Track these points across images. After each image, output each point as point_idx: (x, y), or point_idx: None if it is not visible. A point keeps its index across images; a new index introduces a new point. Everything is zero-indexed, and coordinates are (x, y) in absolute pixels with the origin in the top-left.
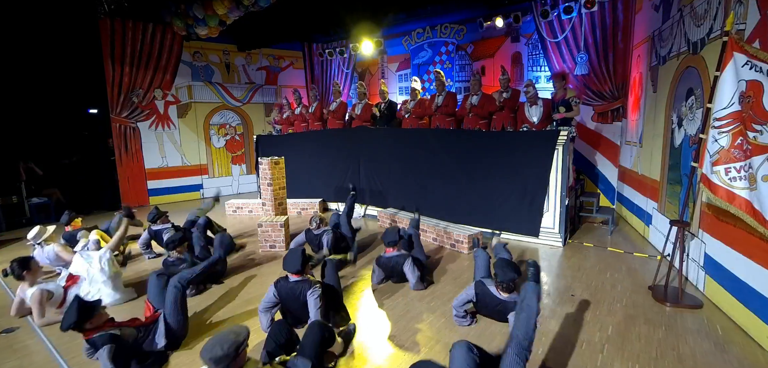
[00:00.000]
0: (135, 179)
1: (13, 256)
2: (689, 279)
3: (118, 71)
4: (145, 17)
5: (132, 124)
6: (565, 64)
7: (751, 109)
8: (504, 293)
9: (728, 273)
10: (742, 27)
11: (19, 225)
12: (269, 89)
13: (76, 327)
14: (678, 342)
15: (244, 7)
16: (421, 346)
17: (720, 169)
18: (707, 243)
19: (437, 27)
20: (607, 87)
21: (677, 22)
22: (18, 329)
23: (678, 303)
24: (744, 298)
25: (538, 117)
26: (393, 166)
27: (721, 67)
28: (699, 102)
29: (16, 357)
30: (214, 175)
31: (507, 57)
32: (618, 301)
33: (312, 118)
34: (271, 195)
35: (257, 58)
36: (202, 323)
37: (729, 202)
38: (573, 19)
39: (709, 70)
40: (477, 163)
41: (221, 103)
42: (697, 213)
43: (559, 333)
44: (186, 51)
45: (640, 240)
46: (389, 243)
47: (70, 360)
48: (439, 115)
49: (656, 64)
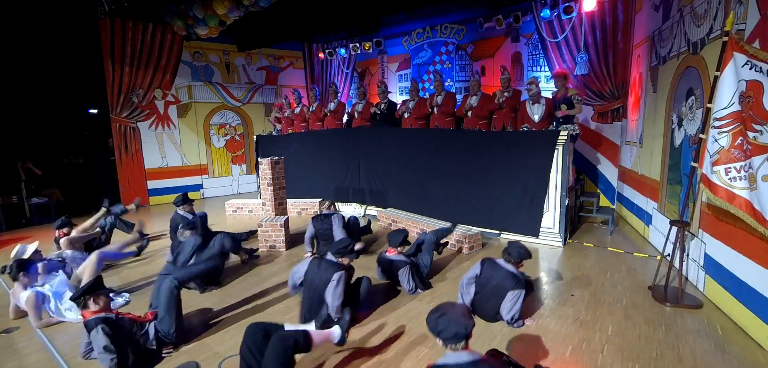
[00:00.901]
0: (135, 179)
1: None
2: (689, 279)
3: (118, 71)
4: (145, 17)
5: (132, 124)
6: (565, 64)
7: (751, 109)
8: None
9: (728, 273)
10: (742, 27)
11: (19, 226)
12: (269, 89)
13: (84, 298)
14: (678, 342)
15: (244, 7)
16: (421, 346)
17: (720, 169)
18: (707, 243)
19: (437, 27)
20: (607, 87)
21: (677, 22)
22: (18, 329)
23: (678, 303)
24: (744, 298)
25: (540, 115)
26: (393, 166)
27: (721, 67)
28: (699, 102)
29: (16, 357)
30: (214, 175)
31: (507, 57)
32: (618, 301)
33: (313, 118)
34: (271, 195)
35: (257, 58)
36: (204, 323)
37: (729, 202)
38: (573, 19)
39: (709, 70)
40: (477, 163)
41: (221, 103)
42: (697, 213)
43: (559, 333)
44: (186, 51)
45: (640, 240)
46: (391, 244)
47: (70, 360)
48: (438, 114)
49: (656, 64)
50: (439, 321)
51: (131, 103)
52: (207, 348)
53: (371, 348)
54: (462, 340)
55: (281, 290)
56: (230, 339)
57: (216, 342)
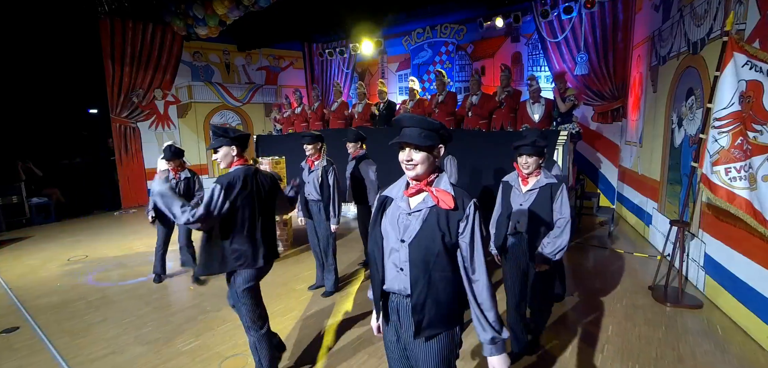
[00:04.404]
0: (135, 179)
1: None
2: (689, 279)
3: (118, 71)
4: (145, 17)
5: (132, 124)
6: (565, 64)
7: (751, 109)
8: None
9: (728, 273)
10: (742, 27)
11: (19, 226)
12: (269, 89)
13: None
14: (678, 342)
15: (244, 7)
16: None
17: (720, 169)
18: (707, 243)
19: (437, 27)
20: (607, 87)
21: (677, 22)
22: (18, 329)
23: (678, 303)
24: (744, 298)
25: (540, 115)
26: (392, 166)
27: (721, 67)
28: (699, 102)
29: (17, 357)
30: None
31: (507, 57)
32: (618, 301)
33: (313, 117)
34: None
35: (257, 58)
36: (208, 322)
37: (729, 202)
38: (573, 19)
39: (709, 70)
40: (477, 163)
41: (221, 103)
42: (697, 213)
43: (559, 333)
44: (186, 51)
45: (640, 240)
46: None
47: (71, 360)
48: (439, 114)
49: (656, 64)
50: None
51: (131, 103)
52: (207, 348)
53: (365, 346)
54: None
55: (281, 289)
56: (229, 340)
57: (216, 342)
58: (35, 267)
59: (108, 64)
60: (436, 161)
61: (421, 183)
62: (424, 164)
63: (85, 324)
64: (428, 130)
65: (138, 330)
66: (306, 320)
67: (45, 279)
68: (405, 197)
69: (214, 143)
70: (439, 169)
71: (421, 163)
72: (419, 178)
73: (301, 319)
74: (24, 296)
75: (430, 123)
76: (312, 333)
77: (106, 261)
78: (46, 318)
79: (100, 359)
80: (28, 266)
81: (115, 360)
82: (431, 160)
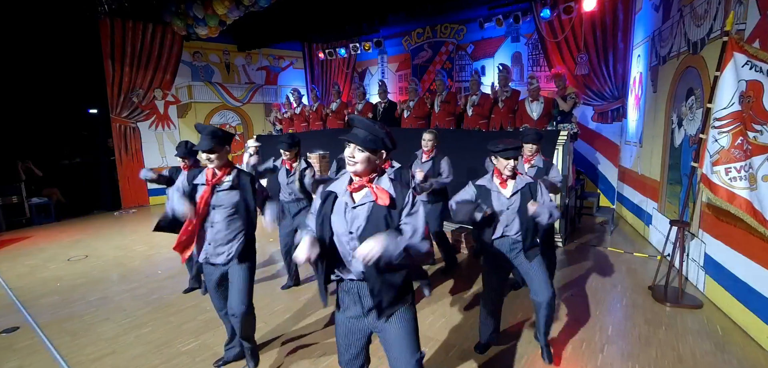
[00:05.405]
0: (135, 179)
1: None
2: (689, 279)
3: (118, 71)
4: (145, 17)
5: (132, 124)
6: (565, 64)
7: (751, 109)
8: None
9: (728, 273)
10: (742, 27)
11: (19, 225)
12: (269, 89)
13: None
14: (678, 342)
15: (244, 7)
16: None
17: (720, 169)
18: (707, 243)
19: (437, 27)
20: (607, 87)
21: (677, 22)
22: (18, 329)
23: (678, 303)
24: (744, 298)
25: (539, 113)
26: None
27: (721, 67)
28: (699, 102)
29: (17, 357)
30: None
31: (507, 57)
32: (618, 301)
33: (313, 117)
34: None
35: (257, 58)
36: (204, 322)
37: (729, 202)
38: (573, 19)
39: (709, 70)
40: (477, 163)
41: (221, 103)
42: (697, 213)
43: (559, 333)
44: (186, 51)
45: (640, 240)
46: None
47: (71, 360)
48: (439, 113)
49: (656, 64)
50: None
51: (131, 103)
52: (207, 348)
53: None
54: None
55: (281, 289)
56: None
57: (216, 342)
58: (35, 267)
59: (108, 64)
60: (377, 163)
61: (363, 179)
62: (364, 164)
63: (85, 324)
64: (374, 135)
65: (138, 330)
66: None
67: (45, 279)
68: (348, 191)
69: (213, 143)
70: (382, 170)
71: (362, 163)
72: (359, 175)
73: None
74: (24, 296)
75: (376, 130)
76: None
77: (106, 261)
78: (46, 318)
79: (100, 359)
80: (28, 266)
81: (115, 360)
82: (372, 161)
